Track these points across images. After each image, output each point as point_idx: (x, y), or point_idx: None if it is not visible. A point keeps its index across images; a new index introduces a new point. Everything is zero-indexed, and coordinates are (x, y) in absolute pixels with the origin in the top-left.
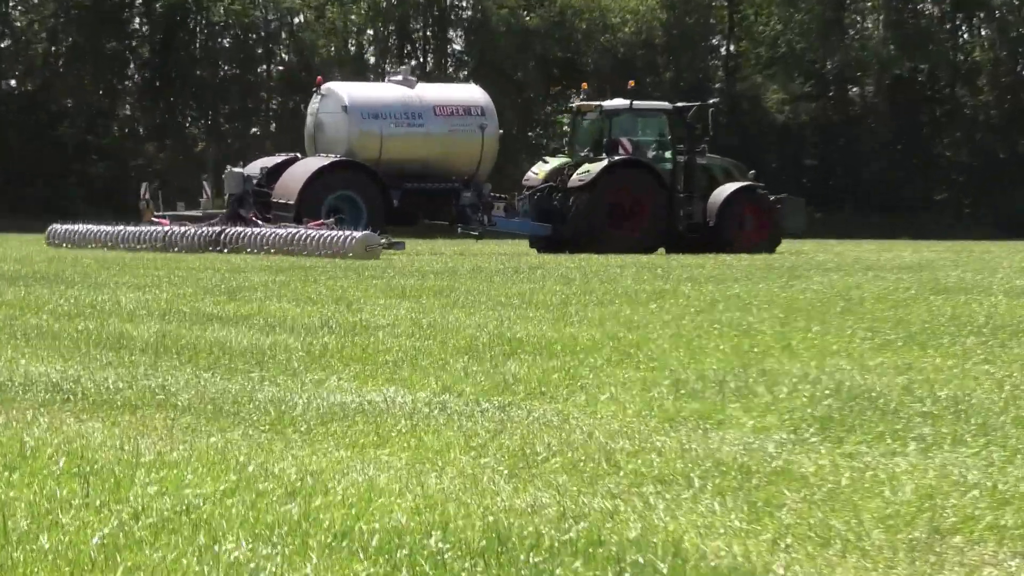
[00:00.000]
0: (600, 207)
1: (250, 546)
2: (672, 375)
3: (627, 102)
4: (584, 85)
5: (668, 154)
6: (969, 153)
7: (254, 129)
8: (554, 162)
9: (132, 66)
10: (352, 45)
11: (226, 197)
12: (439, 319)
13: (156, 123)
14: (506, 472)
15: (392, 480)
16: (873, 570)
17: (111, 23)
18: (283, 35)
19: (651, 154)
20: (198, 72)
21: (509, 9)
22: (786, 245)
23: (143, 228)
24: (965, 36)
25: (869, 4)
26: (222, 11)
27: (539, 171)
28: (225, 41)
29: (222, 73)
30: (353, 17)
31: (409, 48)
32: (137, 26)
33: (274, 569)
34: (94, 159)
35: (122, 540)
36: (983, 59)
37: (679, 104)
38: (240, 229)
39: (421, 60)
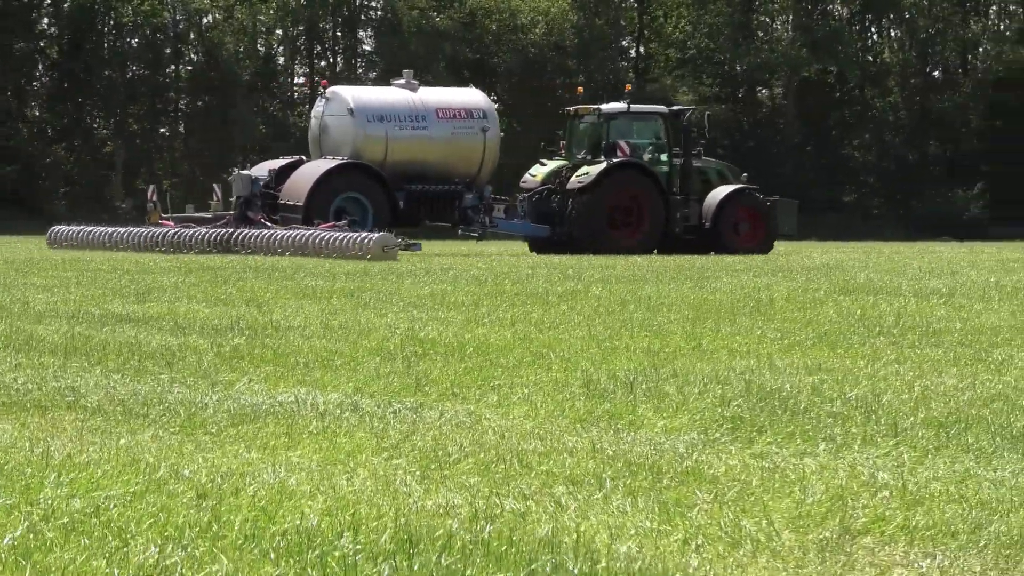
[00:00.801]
0: (600, 209)
1: (160, 548)
2: (584, 376)
3: (624, 105)
4: (580, 89)
5: (664, 157)
6: (878, 154)
7: (163, 129)
8: (551, 164)
9: (41, 67)
10: (261, 46)
11: (233, 199)
12: (350, 320)
13: (65, 124)
14: (418, 473)
15: (303, 482)
16: (783, 570)
17: (19, 24)
18: (192, 36)
19: (647, 157)
20: (107, 73)
21: (420, 10)
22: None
23: (150, 229)
24: (875, 38)
25: (778, 6)
26: (131, 12)
27: (536, 173)
28: (133, 41)
29: (130, 74)
30: (262, 17)
31: (319, 48)
32: (45, 26)
33: (184, 571)
34: (2, 162)
35: (32, 542)
36: (892, 60)
37: (675, 107)
38: (255, 231)
39: (331, 60)
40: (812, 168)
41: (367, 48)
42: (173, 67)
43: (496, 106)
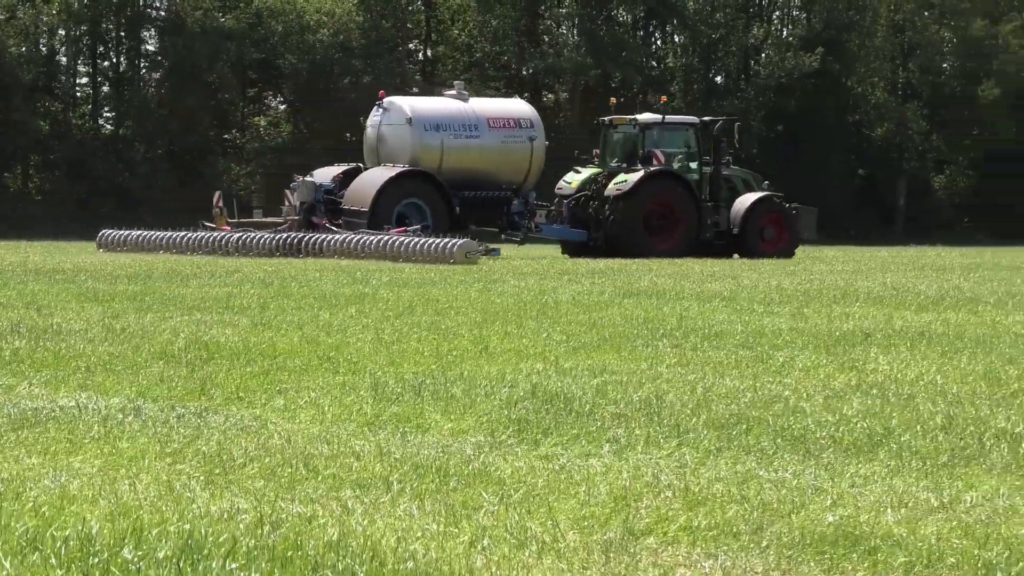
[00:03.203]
0: (637, 215)
1: None
2: (371, 379)
3: (659, 116)
4: (612, 100)
5: (694, 165)
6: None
7: None
8: (586, 172)
9: None
10: (44, 46)
11: (297, 205)
12: (133, 323)
13: None
14: (203, 478)
15: (85, 487)
16: (568, 571)
17: None
18: None
19: (677, 165)
20: None
21: (204, 11)
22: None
23: (209, 234)
24: (658, 43)
25: (564, 11)
26: None
27: (571, 180)
28: None
29: None
30: (44, 18)
31: (102, 48)
32: None
33: None
34: None
35: None
36: (675, 65)
37: (706, 118)
38: (339, 235)
39: (114, 61)
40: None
41: (151, 48)
42: None
43: (284, 107)
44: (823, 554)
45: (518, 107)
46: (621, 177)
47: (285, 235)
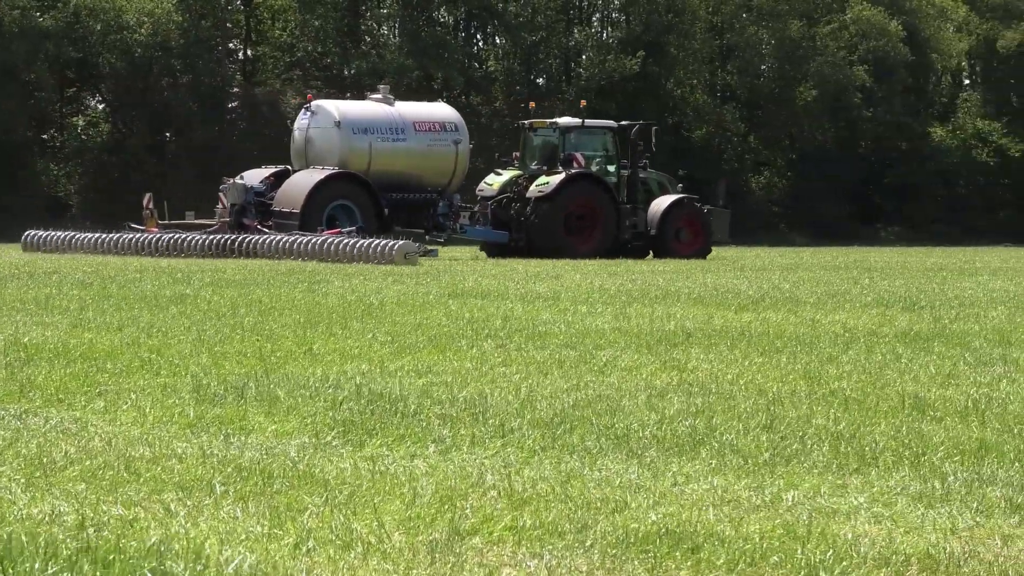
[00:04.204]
0: (558, 217)
1: None
2: (194, 381)
3: (579, 120)
4: (532, 104)
5: (612, 168)
6: (486, 160)
7: None
8: (507, 174)
9: None
10: None
11: (228, 207)
12: None
13: None
14: (23, 481)
15: None
16: (394, 572)
17: None
18: None
19: (595, 168)
20: None
21: (21, 10)
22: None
23: (139, 236)
24: (480, 45)
25: (385, 12)
26: None
27: (492, 182)
28: None
29: None
30: None
31: None
32: None
33: None
34: None
35: None
36: (496, 68)
37: (623, 123)
38: (277, 236)
39: None
40: None
41: None
42: None
43: (102, 106)
44: (647, 552)
45: (443, 111)
46: (542, 179)
47: (218, 236)
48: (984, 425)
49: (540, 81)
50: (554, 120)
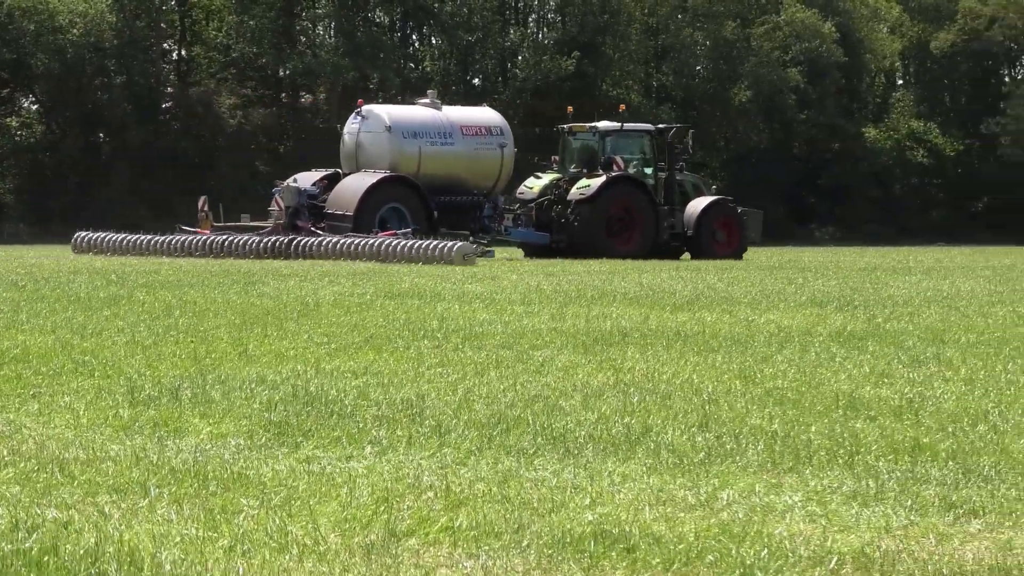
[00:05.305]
0: (599, 218)
1: None
2: (128, 383)
3: (618, 124)
4: (570, 109)
5: (649, 171)
6: None
7: None
8: (546, 177)
9: None
10: None
11: (283, 209)
12: None
13: None
14: None
15: None
16: (329, 574)
17: None
18: None
19: (632, 171)
20: None
21: None
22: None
23: (192, 237)
24: (416, 45)
25: (320, 12)
26: None
27: (532, 186)
28: None
29: None
30: None
31: None
32: None
33: None
34: None
35: None
36: (432, 68)
37: (661, 126)
38: (339, 238)
39: None
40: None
41: None
42: None
43: (36, 107)
44: (583, 552)
45: (488, 115)
46: (584, 182)
47: (273, 238)
48: (918, 424)
49: (476, 81)
50: (594, 124)
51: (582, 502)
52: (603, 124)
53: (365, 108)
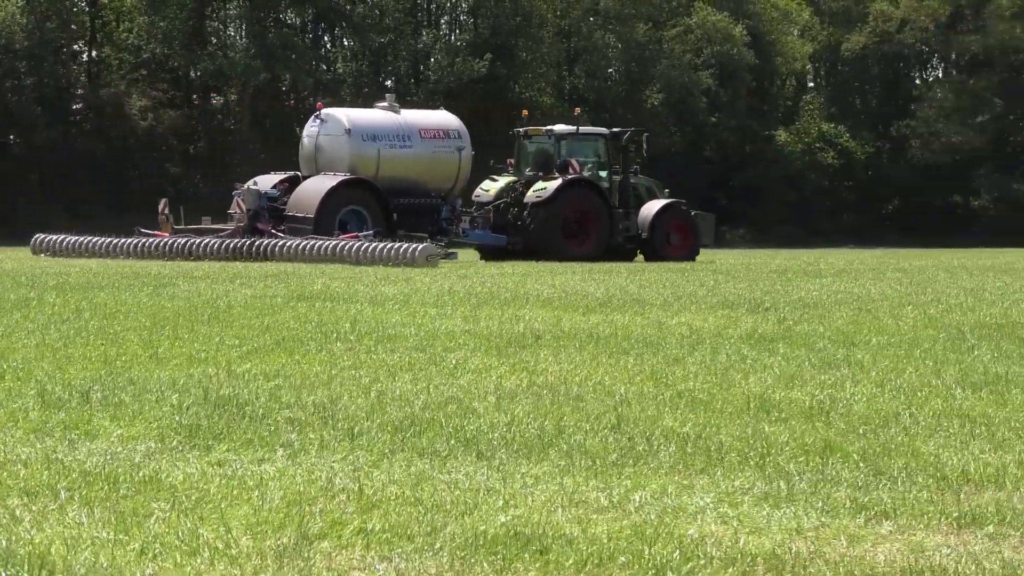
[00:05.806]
0: (555, 221)
1: None
2: (37, 385)
3: (573, 127)
4: (524, 112)
5: (604, 174)
6: None
7: None
8: (502, 180)
9: None
10: None
11: (245, 211)
12: None
13: None
14: None
15: None
16: None
17: None
18: None
19: (587, 173)
20: None
21: None
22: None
23: (147, 240)
24: (328, 46)
25: (232, 13)
26: None
27: (489, 188)
28: None
29: None
30: None
31: None
32: None
33: None
34: None
35: None
36: (345, 70)
37: (616, 130)
38: (295, 240)
39: None
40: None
41: None
42: None
43: None
44: (496, 554)
45: (446, 119)
46: (540, 185)
47: (234, 240)
48: (829, 426)
49: (389, 83)
50: (549, 128)
51: (495, 504)
52: (559, 127)
53: (324, 111)
